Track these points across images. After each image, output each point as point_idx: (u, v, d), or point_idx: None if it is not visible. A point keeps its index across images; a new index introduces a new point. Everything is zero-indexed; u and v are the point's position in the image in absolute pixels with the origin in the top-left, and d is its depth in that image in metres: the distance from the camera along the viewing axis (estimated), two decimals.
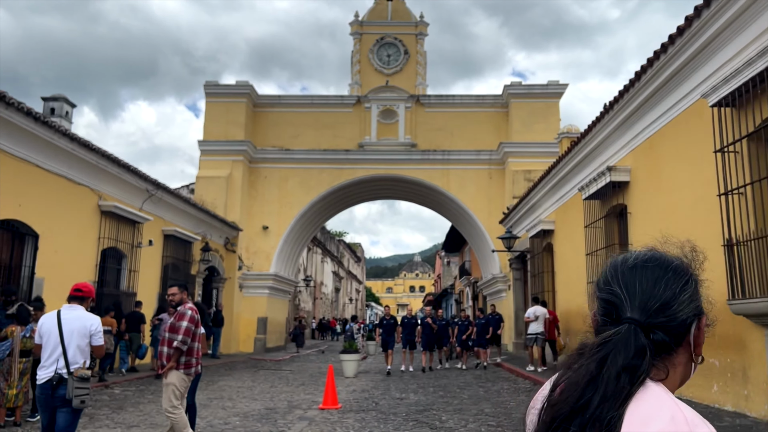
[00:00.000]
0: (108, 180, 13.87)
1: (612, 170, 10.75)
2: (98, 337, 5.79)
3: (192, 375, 5.78)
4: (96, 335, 5.83)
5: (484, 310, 26.11)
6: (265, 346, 23.57)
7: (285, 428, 7.94)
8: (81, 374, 5.23)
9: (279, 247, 24.04)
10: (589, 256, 12.13)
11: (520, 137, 23.22)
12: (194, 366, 5.76)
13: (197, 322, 5.71)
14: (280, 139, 24.69)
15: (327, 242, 51.53)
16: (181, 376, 5.68)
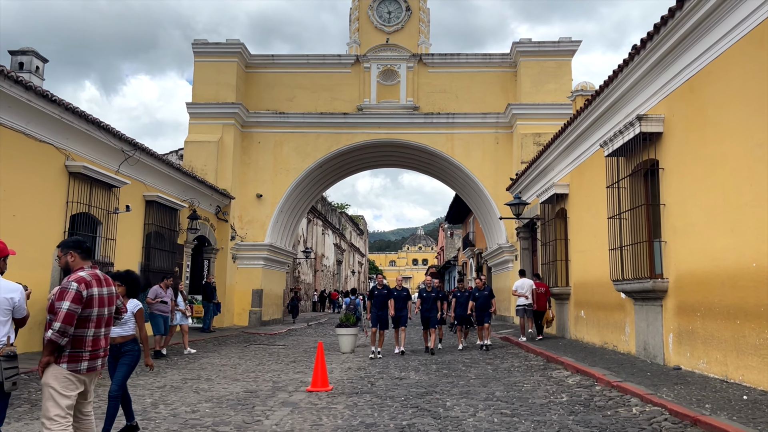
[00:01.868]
0: (77, 138, 12.54)
1: (642, 119, 9.35)
2: (22, 309, 4.65)
3: (84, 371, 3.98)
4: (20, 308, 4.65)
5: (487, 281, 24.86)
6: (260, 319, 22.52)
7: (262, 417, 6.77)
8: (7, 352, 4.34)
9: (274, 216, 22.79)
10: (611, 219, 10.81)
11: (529, 98, 21.71)
12: (87, 359, 3.98)
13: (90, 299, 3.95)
14: (274, 102, 23.23)
15: (328, 214, 50.31)
16: (63, 373, 3.89)
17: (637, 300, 10.19)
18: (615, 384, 7.78)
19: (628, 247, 10.30)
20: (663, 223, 9.34)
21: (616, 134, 10.28)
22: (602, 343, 12.16)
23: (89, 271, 4.07)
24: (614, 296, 11.31)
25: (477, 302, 14.01)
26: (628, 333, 10.74)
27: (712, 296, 7.85)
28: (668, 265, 9.17)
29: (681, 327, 8.67)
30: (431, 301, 13.90)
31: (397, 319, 13.33)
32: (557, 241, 15.42)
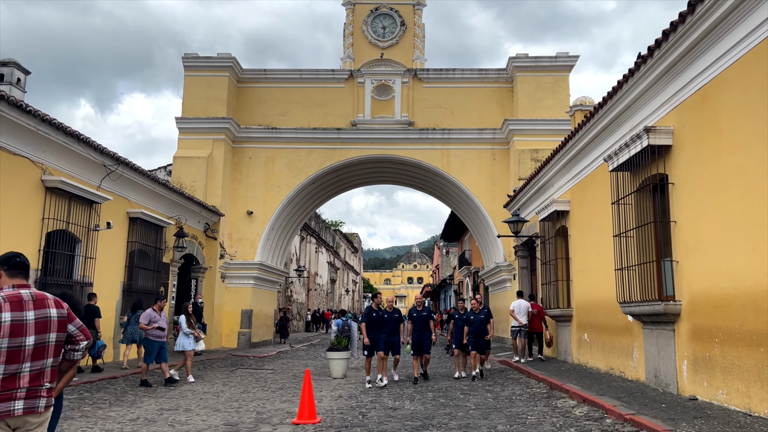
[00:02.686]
0: (55, 152, 11.93)
1: (650, 131, 8.84)
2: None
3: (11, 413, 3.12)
4: None
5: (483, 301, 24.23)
6: (249, 340, 21.75)
7: None
8: None
9: (265, 234, 22.15)
10: (617, 238, 10.24)
11: (526, 114, 21.29)
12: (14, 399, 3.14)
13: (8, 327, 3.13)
14: (266, 117, 22.74)
15: (322, 232, 49.64)
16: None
17: (647, 323, 9.58)
18: (628, 417, 7.14)
19: (635, 266, 9.73)
20: (674, 242, 8.78)
21: (622, 147, 9.76)
22: (608, 368, 11.51)
23: (8, 292, 3.27)
24: (620, 319, 10.70)
25: (472, 326, 12.47)
26: (636, 359, 10.11)
27: (731, 320, 7.26)
28: (680, 287, 8.58)
29: (696, 354, 8.05)
30: (422, 321, 12.18)
31: (372, 343, 11.65)
32: (558, 260, 14.84)
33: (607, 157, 10.44)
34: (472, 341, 12.43)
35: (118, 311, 14.85)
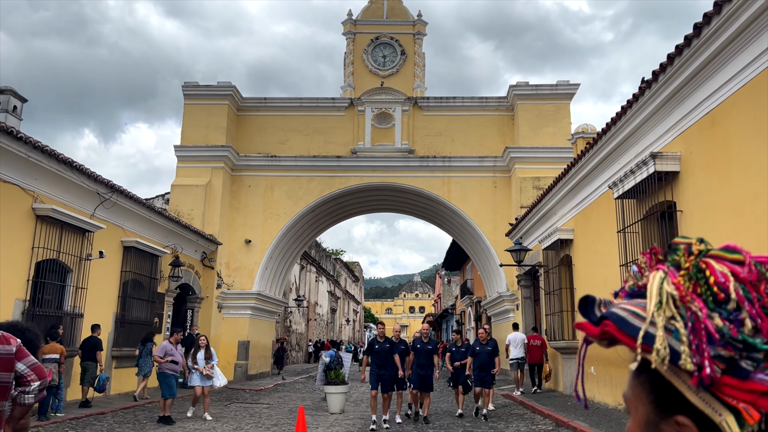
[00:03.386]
0: (48, 179, 11.69)
1: (657, 157, 8.58)
2: None
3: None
4: None
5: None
6: (246, 373, 21.19)
7: None
8: None
9: (263, 263, 21.79)
10: (624, 267, 9.90)
11: (527, 142, 21.14)
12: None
13: None
14: (266, 146, 22.61)
15: (322, 260, 49.22)
16: None
17: None
18: None
19: None
20: None
21: (627, 174, 9.49)
22: (616, 404, 11.03)
23: None
24: (628, 351, 10.26)
25: (477, 359, 11.38)
26: None
27: None
28: None
29: None
30: (426, 355, 11.01)
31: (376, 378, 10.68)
32: (562, 290, 14.45)
33: (612, 184, 10.17)
34: (478, 375, 11.35)
35: (111, 343, 14.42)
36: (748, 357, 0.59)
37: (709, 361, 0.60)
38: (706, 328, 0.61)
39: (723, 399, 0.59)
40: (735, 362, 0.59)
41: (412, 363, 10.96)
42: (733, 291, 0.63)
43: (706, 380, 0.59)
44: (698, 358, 0.60)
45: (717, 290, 0.63)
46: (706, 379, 0.59)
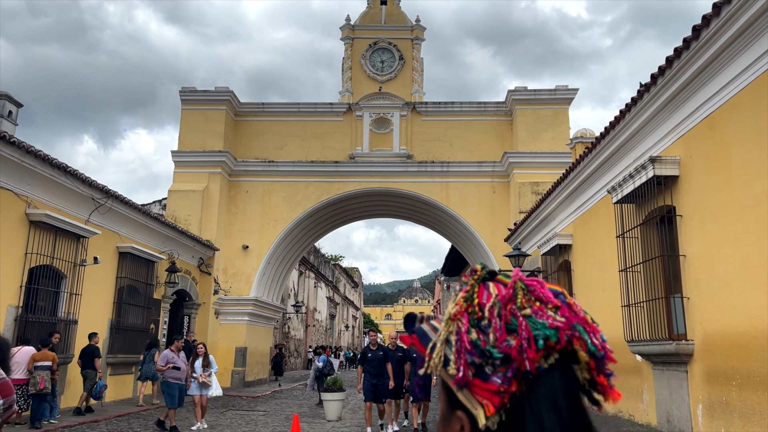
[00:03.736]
0: (41, 184, 11.59)
1: (656, 162, 8.49)
2: None
3: None
4: None
5: None
6: (243, 379, 21.03)
7: None
8: None
9: (261, 269, 21.66)
10: (623, 272, 9.79)
11: (526, 147, 21.06)
12: None
13: None
14: (263, 151, 22.52)
15: (321, 266, 49.05)
16: None
17: (657, 363, 9.05)
18: None
19: (642, 303, 9.25)
20: (684, 277, 8.33)
21: (626, 178, 9.40)
22: (616, 411, 10.90)
23: None
24: (628, 358, 10.15)
25: None
26: (646, 401, 9.54)
27: (750, 362, 6.75)
28: (692, 325, 8.09)
29: (712, 397, 7.51)
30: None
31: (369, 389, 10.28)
32: None
33: (611, 189, 10.08)
34: None
35: (106, 350, 14.28)
36: (491, 363, 0.72)
37: (464, 366, 0.73)
38: (464, 341, 0.74)
39: (476, 396, 0.73)
40: (482, 367, 0.72)
41: (410, 372, 10.42)
42: (487, 311, 0.75)
43: (461, 382, 0.73)
44: (458, 364, 0.73)
45: (477, 309, 0.75)
46: (461, 381, 0.73)
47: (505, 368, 0.71)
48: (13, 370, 10.00)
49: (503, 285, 0.78)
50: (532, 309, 0.75)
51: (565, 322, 0.74)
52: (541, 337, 0.72)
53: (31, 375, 10.17)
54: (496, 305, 0.76)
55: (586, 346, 0.74)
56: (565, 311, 0.76)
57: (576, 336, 0.73)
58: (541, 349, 0.72)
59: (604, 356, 0.76)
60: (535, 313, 0.75)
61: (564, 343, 0.73)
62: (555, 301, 0.76)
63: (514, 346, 0.72)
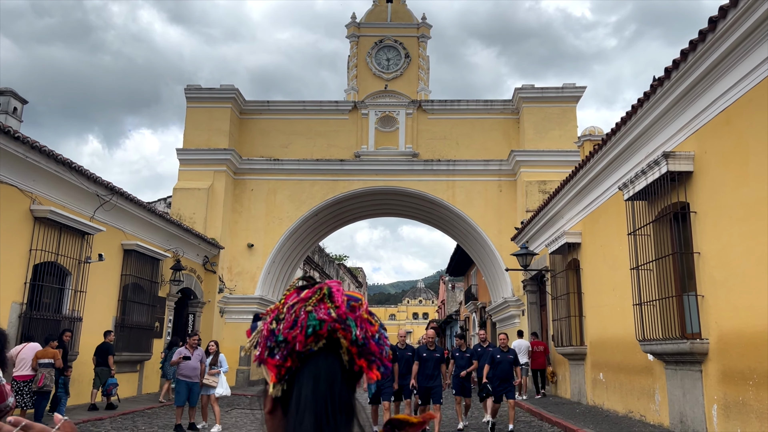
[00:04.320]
0: (46, 181, 11.51)
1: (670, 157, 8.33)
2: None
3: None
4: None
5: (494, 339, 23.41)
6: (248, 378, 20.94)
7: None
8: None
9: (266, 267, 21.56)
10: (634, 270, 9.63)
11: (533, 145, 20.89)
12: None
13: None
14: (268, 149, 22.42)
15: (326, 266, 48.95)
16: None
17: (669, 363, 8.89)
18: None
19: (655, 301, 9.09)
20: (698, 275, 8.17)
21: (638, 175, 9.24)
22: (627, 411, 10.74)
23: None
24: (640, 358, 10.00)
25: (498, 367, 10.09)
26: (658, 401, 9.38)
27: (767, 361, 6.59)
28: (707, 323, 7.93)
29: (728, 397, 7.35)
30: (433, 364, 9.84)
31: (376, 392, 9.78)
32: (569, 295, 14.17)
33: (622, 186, 9.92)
34: (498, 386, 10.08)
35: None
36: (276, 345, 0.92)
37: (262, 348, 0.93)
38: (265, 329, 0.95)
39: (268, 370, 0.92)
40: (273, 349, 0.92)
41: (417, 373, 9.70)
42: (285, 308, 0.95)
43: (259, 359, 0.93)
44: (258, 346, 0.94)
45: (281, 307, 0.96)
46: (259, 358, 0.93)
47: (284, 349, 0.91)
48: (18, 366, 9.92)
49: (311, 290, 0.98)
50: (315, 308, 0.94)
51: (334, 317, 0.92)
52: (310, 327, 0.92)
53: (36, 372, 10.09)
54: (295, 305, 0.95)
55: (350, 336, 0.93)
56: (341, 310, 0.94)
57: (340, 328, 0.93)
58: (310, 336, 0.91)
59: (365, 344, 0.94)
60: (316, 310, 0.93)
61: (326, 332, 0.92)
62: (340, 303, 0.95)
63: (291, 332, 0.92)
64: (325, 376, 0.91)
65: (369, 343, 0.95)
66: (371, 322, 0.97)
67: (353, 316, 0.95)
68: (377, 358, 0.96)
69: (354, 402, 0.95)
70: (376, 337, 0.97)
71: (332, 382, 0.92)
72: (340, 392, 0.92)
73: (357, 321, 0.95)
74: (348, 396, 0.93)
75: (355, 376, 0.95)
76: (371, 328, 0.97)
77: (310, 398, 0.89)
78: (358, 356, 0.94)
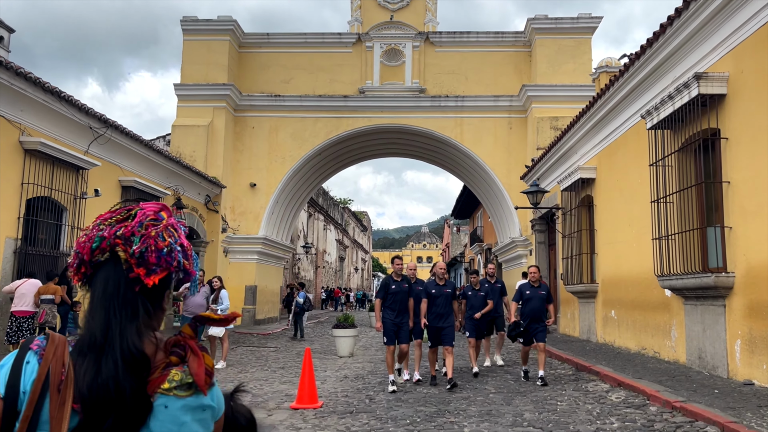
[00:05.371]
0: (36, 111, 10.93)
1: (701, 79, 7.67)
2: None
3: None
4: None
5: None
6: (254, 317, 20.93)
7: None
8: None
9: (269, 207, 21.17)
10: (655, 203, 9.14)
11: (545, 79, 19.99)
12: None
13: None
14: (269, 84, 21.58)
15: (330, 209, 48.66)
16: None
17: (689, 298, 8.52)
18: (678, 405, 6.13)
19: (675, 235, 8.64)
20: (727, 205, 7.67)
21: (664, 100, 8.60)
22: (639, 348, 10.49)
23: None
24: (656, 294, 9.65)
25: (528, 306, 8.73)
26: (675, 338, 9.08)
27: None
28: (734, 256, 7.50)
29: (753, 332, 7.00)
30: (444, 301, 8.68)
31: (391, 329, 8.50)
32: (581, 233, 13.75)
33: (645, 113, 9.29)
34: (531, 327, 8.67)
35: None
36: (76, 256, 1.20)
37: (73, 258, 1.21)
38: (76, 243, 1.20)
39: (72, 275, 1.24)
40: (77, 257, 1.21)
41: (426, 312, 8.68)
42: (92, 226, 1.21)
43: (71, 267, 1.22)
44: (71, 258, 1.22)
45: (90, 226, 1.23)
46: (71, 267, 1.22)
47: (77, 257, 1.16)
48: (18, 302, 9.68)
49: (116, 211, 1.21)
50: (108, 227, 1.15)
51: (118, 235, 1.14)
52: (95, 242, 1.14)
53: (38, 308, 9.86)
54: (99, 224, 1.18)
55: (129, 249, 1.13)
56: (128, 229, 1.14)
57: (120, 243, 1.13)
58: (95, 249, 1.14)
59: (143, 257, 1.13)
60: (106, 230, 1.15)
61: (107, 247, 1.14)
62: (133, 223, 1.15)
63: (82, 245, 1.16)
64: (112, 281, 1.13)
65: (149, 255, 1.13)
66: (164, 238, 1.16)
67: (140, 233, 1.14)
68: (157, 267, 1.14)
69: (138, 302, 1.14)
70: (164, 251, 1.15)
71: (117, 285, 1.13)
72: (125, 293, 1.13)
73: (143, 238, 1.13)
74: (133, 296, 1.13)
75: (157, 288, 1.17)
76: (162, 243, 1.15)
77: (100, 297, 1.12)
78: (136, 266, 1.13)
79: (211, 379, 1.14)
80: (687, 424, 5.61)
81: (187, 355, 1.12)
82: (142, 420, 1.05)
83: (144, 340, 1.12)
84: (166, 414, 1.07)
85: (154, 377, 1.08)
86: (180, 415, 1.08)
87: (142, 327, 1.12)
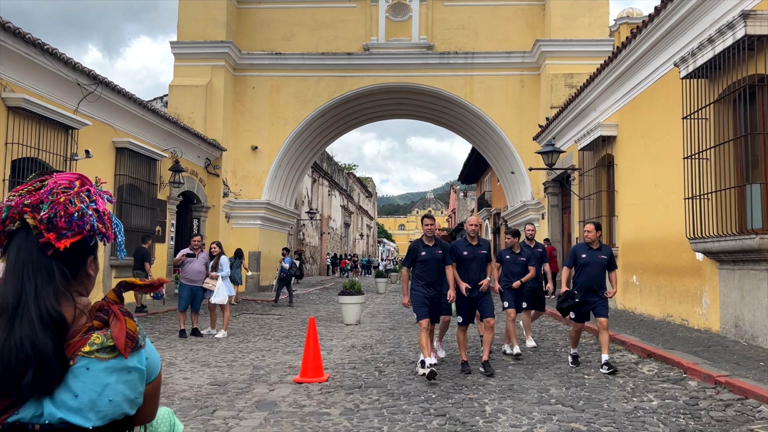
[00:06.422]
0: (18, 65, 10.17)
1: (749, 17, 6.83)
2: None
3: None
4: None
5: None
6: (258, 284, 20.49)
7: (223, 427, 4.64)
8: None
9: (272, 171, 20.47)
10: (688, 160, 8.40)
11: (560, 34, 18.94)
12: None
13: None
14: (270, 42, 20.61)
15: (335, 174, 47.90)
16: None
17: (725, 262, 7.86)
18: (723, 380, 5.53)
19: (711, 194, 7.93)
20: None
21: (703, 45, 7.77)
22: (664, 315, 9.89)
23: None
24: (685, 258, 8.99)
25: (583, 272, 6.96)
26: (707, 305, 8.45)
27: None
28: None
29: None
30: (479, 265, 6.85)
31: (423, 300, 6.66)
32: (600, 194, 13.03)
33: (680, 60, 8.46)
34: (586, 299, 6.91)
35: (108, 252, 13.44)
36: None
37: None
38: None
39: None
40: None
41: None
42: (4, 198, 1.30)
43: None
44: None
45: None
46: None
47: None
48: None
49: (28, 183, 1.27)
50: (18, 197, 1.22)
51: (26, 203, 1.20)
52: (3, 213, 1.20)
53: None
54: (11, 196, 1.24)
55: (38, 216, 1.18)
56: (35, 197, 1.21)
57: (29, 211, 1.19)
58: (5, 219, 1.20)
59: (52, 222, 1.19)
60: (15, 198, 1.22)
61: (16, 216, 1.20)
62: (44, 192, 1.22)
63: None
64: (24, 248, 1.20)
65: (57, 220, 1.20)
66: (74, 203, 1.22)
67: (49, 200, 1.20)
68: (69, 231, 1.20)
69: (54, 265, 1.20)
70: (75, 216, 1.21)
71: (30, 251, 1.19)
72: (37, 258, 1.19)
73: (51, 204, 1.20)
74: (47, 261, 1.19)
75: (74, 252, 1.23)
76: (72, 208, 1.21)
77: (14, 264, 1.19)
78: (46, 231, 1.19)
79: (134, 342, 1.19)
80: (736, 403, 5.02)
81: (110, 319, 1.19)
82: (58, 379, 1.11)
83: (62, 302, 1.18)
84: (87, 375, 1.13)
85: (74, 340, 1.15)
86: (103, 377, 1.14)
87: (61, 290, 1.19)
